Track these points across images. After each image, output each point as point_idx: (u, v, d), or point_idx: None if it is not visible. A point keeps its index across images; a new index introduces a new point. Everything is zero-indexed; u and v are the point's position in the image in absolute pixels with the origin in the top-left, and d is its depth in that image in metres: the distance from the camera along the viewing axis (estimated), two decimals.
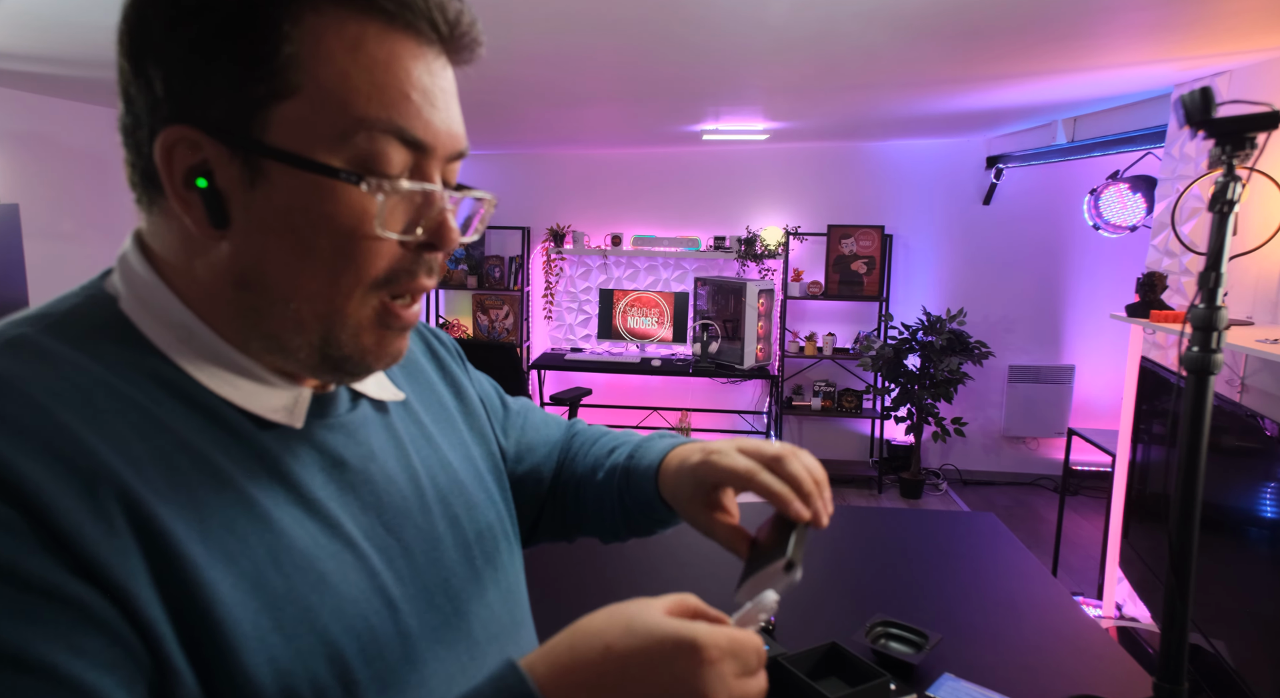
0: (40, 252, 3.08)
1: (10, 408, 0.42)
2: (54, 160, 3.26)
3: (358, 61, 0.47)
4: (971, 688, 1.22)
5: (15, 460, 0.40)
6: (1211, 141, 0.92)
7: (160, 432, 0.47)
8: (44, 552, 0.40)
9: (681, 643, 0.45)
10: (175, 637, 0.43)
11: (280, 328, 0.50)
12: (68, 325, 0.49)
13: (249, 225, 0.48)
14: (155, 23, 0.46)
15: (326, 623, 0.49)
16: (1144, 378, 2.77)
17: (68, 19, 2.02)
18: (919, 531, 1.91)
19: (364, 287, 0.50)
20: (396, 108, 0.48)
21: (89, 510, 0.41)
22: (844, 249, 5.22)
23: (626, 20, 2.13)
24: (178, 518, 0.45)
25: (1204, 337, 0.93)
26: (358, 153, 0.47)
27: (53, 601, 0.40)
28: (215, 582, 0.45)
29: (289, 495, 0.51)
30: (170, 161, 0.47)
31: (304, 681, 0.47)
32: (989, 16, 2.08)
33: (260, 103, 0.46)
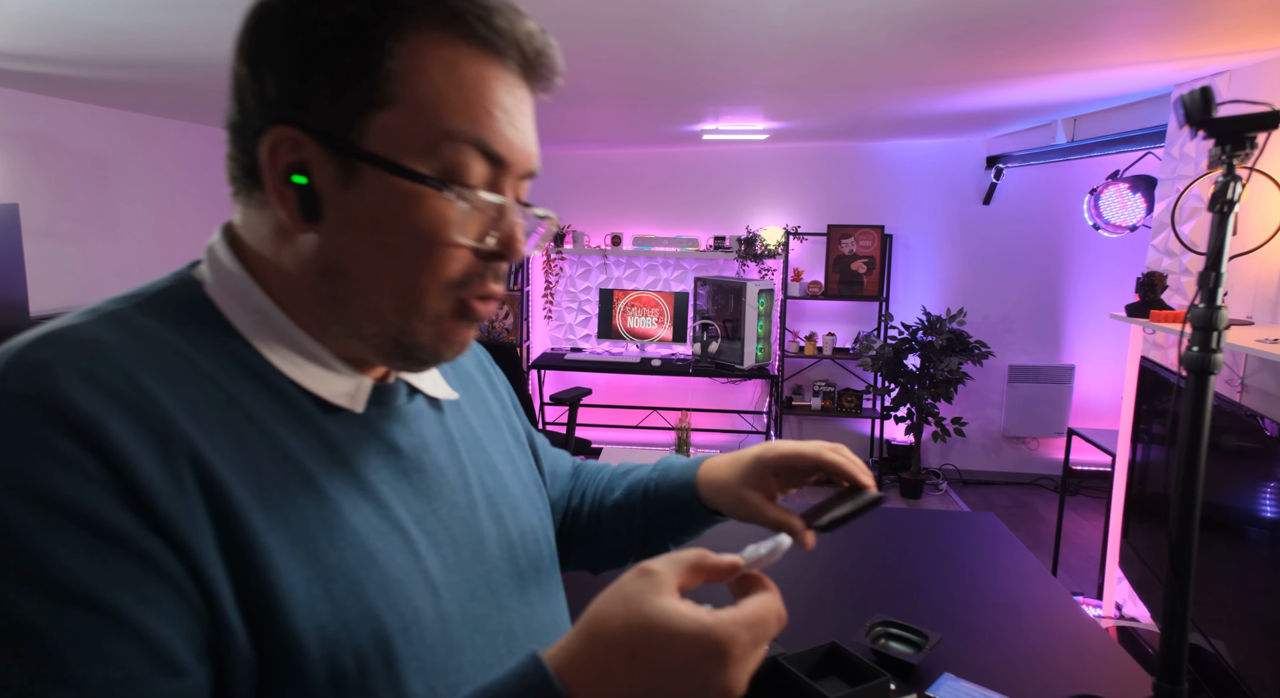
0: (40, 251, 3.08)
1: (103, 371, 0.46)
2: (54, 160, 3.26)
3: (450, 79, 0.51)
4: (971, 688, 1.22)
5: (104, 419, 0.44)
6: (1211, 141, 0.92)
7: (232, 405, 0.51)
8: (122, 504, 0.43)
9: (707, 647, 0.45)
10: (233, 595, 0.46)
11: (358, 317, 0.54)
12: (158, 305, 0.53)
13: (339, 222, 0.52)
14: (274, 31, 0.51)
15: (373, 599, 0.52)
16: (1144, 378, 2.77)
17: (68, 18, 2.01)
18: (919, 531, 1.91)
19: (439, 287, 0.54)
20: (481, 123, 0.52)
21: (164, 471, 0.45)
22: (844, 249, 5.22)
23: (626, 20, 2.12)
24: (242, 484, 0.48)
25: (1204, 336, 0.93)
26: (443, 163, 0.52)
27: (125, 550, 0.43)
28: (272, 547, 0.48)
29: (345, 476, 0.55)
30: (274, 158, 0.51)
31: (348, 651, 0.50)
32: (989, 16, 2.08)
33: (360, 111, 0.51)
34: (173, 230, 3.95)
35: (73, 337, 0.47)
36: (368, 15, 0.50)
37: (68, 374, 0.45)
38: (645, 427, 5.65)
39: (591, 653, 0.46)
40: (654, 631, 0.45)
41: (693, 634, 0.45)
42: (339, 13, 0.50)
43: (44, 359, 0.45)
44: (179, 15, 1.99)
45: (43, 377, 0.44)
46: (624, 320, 5.41)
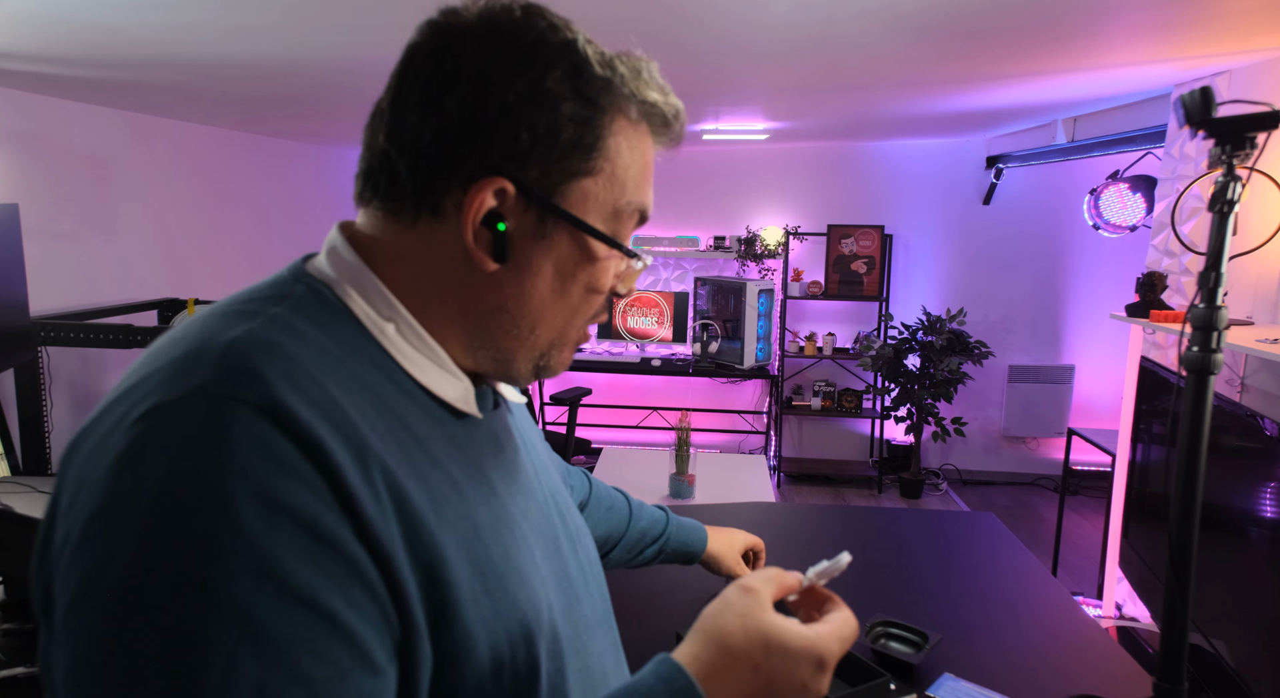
0: (40, 251, 3.08)
1: (303, 380, 0.48)
2: (54, 160, 3.26)
3: (636, 158, 0.60)
4: (971, 688, 1.22)
5: (317, 428, 0.47)
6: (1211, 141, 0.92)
7: (388, 412, 0.54)
8: (335, 511, 0.46)
9: (814, 660, 0.54)
10: (420, 597, 0.49)
11: (516, 347, 0.60)
12: (308, 309, 0.55)
13: (522, 267, 0.58)
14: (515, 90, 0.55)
15: (514, 590, 0.56)
16: (1144, 378, 2.77)
17: (68, 18, 2.01)
18: (919, 531, 1.91)
19: (582, 321, 0.63)
20: (642, 192, 0.61)
21: (363, 479, 0.48)
22: (844, 249, 5.22)
23: (626, 20, 2.12)
24: (417, 489, 0.52)
25: (1204, 337, 0.92)
26: (617, 226, 0.60)
27: (338, 555, 0.45)
28: (445, 546, 0.52)
29: (475, 476, 0.59)
30: (480, 202, 0.55)
31: (504, 641, 0.54)
32: (989, 16, 2.08)
33: (572, 176, 0.57)
34: (173, 230, 3.95)
35: (262, 343, 0.49)
36: (599, 99, 0.57)
37: (280, 382, 0.47)
38: (645, 427, 5.65)
39: (722, 662, 0.53)
40: (771, 644, 0.53)
41: (804, 648, 0.54)
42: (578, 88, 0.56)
43: (255, 366, 0.47)
44: (179, 15, 1.99)
45: (263, 384, 0.46)
46: (624, 320, 5.41)
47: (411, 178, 0.56)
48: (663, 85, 0.62)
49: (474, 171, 0.55)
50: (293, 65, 2.62)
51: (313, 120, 4.08)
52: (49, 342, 2.91)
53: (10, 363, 2.71)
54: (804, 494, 5.09)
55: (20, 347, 2.70)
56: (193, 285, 4.02)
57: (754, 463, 3.47)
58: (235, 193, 4.44)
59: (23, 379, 2.96)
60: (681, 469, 2.90)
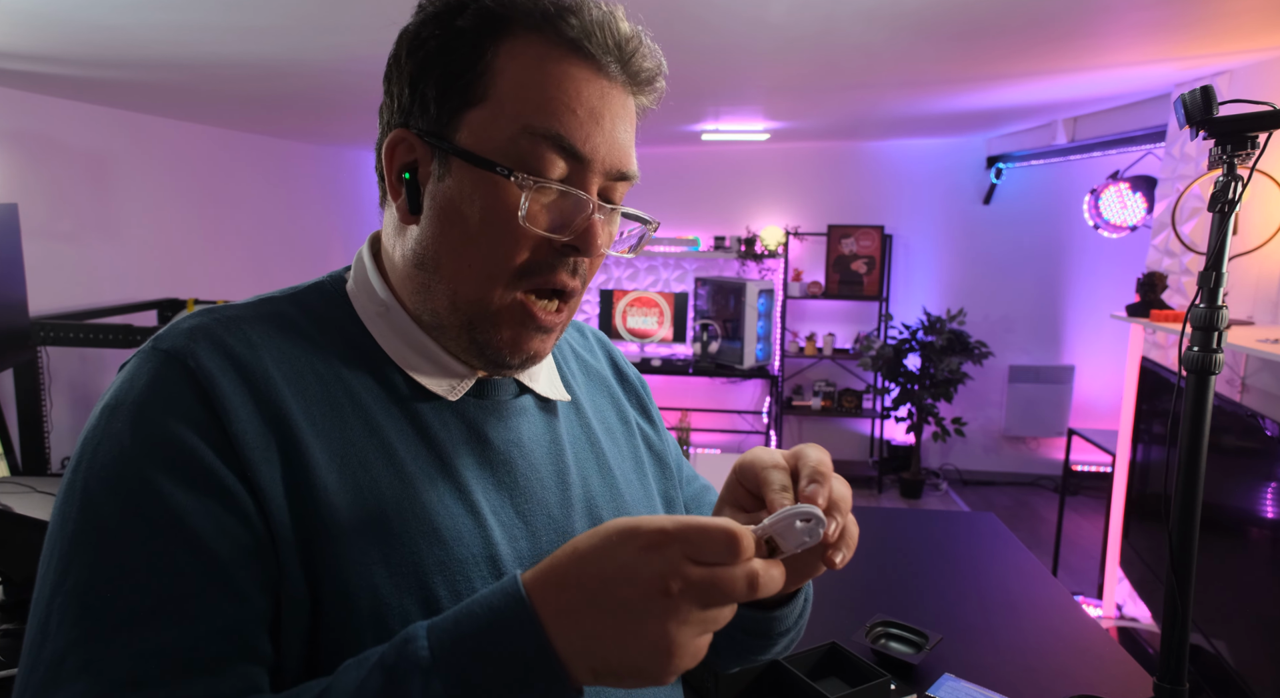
0: (39, 251, 3.08)
1: (229, 339, 0.55)
2: (53, 160, 3.26)
3: (535, 78, 0.55)
4: (971, 688, 1.22)
5: (215, 375, 0.53)
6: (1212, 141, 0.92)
7: (336, 382, 0.58)
8: (215, 448, 0.52)
9: (626, 529, 0.44)
10: (295, 541, 0.52)
11: (442, 305, 0.59)
12: (305, 296, 0.63)
13: (432, 213, 0.58)
14: (401, 50, 0.58)
15: (429, 572, 0.55)
16: (1144, 378, 2.77)
17: (68, 19, 2.01)
18: (919, 531, 1.91)
19: (508, 274, 0.57)
20: (560, 119, 0.55)
21: (255, 425, 0.53)
22: (844, 249, 5.22)
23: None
24: (324, 449, 0.55)
25: (1204, 336, 0.92)
26: (520, 154, 0.55)
27: (212, 485, 0.51)
28: (339, 506, 0.54)
29: (429, 456, 0.59)
30: (391, 158, 0.59)
31: (397, 614, 0.53)
32: (988, 16, 2.08)
33: (457, 110, 0.56)
34: (172, 230, 3.95)
35: (220, 312, 0.58)
36: (471, 25, 0.55)
37: (202, 338, 0.55)
38: None
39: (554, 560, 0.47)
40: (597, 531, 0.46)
41: (621, 524, 0.45)
42: (448, 26, 0.56)
43: (191, 326, 0.56)
44: (179, 15, 1.99)
45: (183, 338, 0.55)
46: (624, 320, 5.41)
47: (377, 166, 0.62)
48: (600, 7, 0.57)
49: (387, 132, 0.59)
50: (293, 65, 2.62)
51: (312, 120, 4.08)
52: (48, 342, 2.91)
53: (10, 363, 2.71)
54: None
55: (20, 347, 2.70)
56: (192, 285, 4.02)
57: None
58: (235, 193, 4.44)
59: (22, 379, 2.96)
60: None
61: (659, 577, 0.43)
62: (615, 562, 0.44)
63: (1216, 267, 0.92)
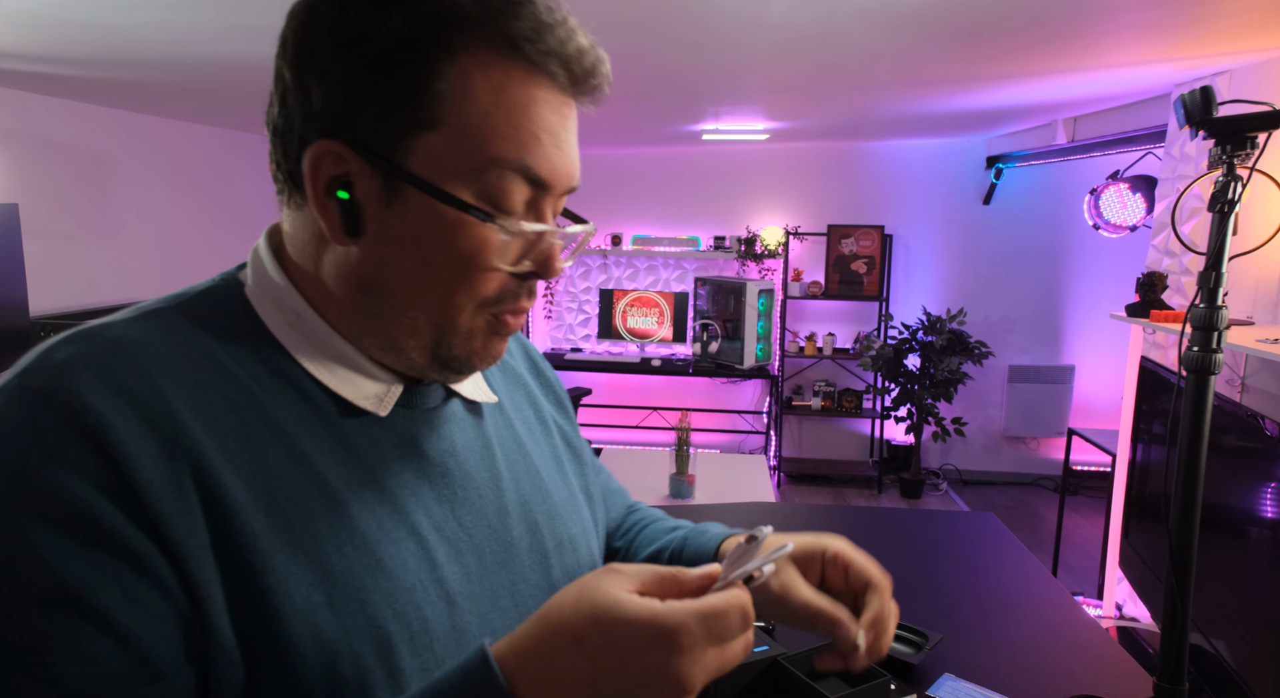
0: (40, 251, 3.08)
1: (119, 369, 0.47)
2: (53, 160, 3.26)
3: (499, 103, 0.50)
4: (971, 688, 1.22)
5: (110, 417, 0.44)
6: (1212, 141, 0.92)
7: (251, 406, 0.51)
8: (115, 504, 0.43)
9: (653, 634, 0.42)
10: (224, 599, 0.46)
11: (396, 332, 0.54)
12: (196, 305, 0.54)
13: (379, 238, 0.52)
14: (323, 41, 0.50)
15: (377, 607, 0.50)
16: (1144, 378, 2.77)
17: (68, 19, 2.01)
18: (919, 531, 1.91)
19: (474, 305, 0.54)
20: (527, 149, 0.51)
21: (164, 471, 0.45)
22: (844, 249, 5.22)
23: (626, 20, 2.12)
24: (247, 487, 0.48)
25: (1204, 336, 0.92)
26: (486, 188, 0.51)
27: (115, 550, 0.43)
28: (271, 550, 0.47)
29: (362, 480, 0.53)
30: (317, 170, 0.51)
31: (347, 659, 0.48)
32: (988, 16, 2.08)
33: (406, 131, 0.49)
34: (173, 230, 3.95)
35: (100, 335, 0.49)
36: (420, 35, 0.48)
37: (84, 371, 0.46)
38: (645, 427, 5.65)
39: (539, 638, 0.44)
40: (601, 616, 0.42)
41: (640, 620, 0.42)
42: (390, 29, 0.48)
43: (67, 356, 0.47)
44: (179, 15, 1.99)
45: (59, 374, 0.45)
46: (624, 320, 5.41)
47: (278, 159, 0.53)
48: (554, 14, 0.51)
49: (307, 137, 0.50)
50: None
51: None
52: None
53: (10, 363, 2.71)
54: (804, 494, 5.09)
55: (20, 347, 2.70)
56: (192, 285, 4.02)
57: (754, 463, 3.47)
58: (235, 193, 4.44)
59: None
60: (681, 469, 2.90)
61: (690, 678, 0.42)
62: (642, 666, 0.42)
63: (1216, 267, 0.92)
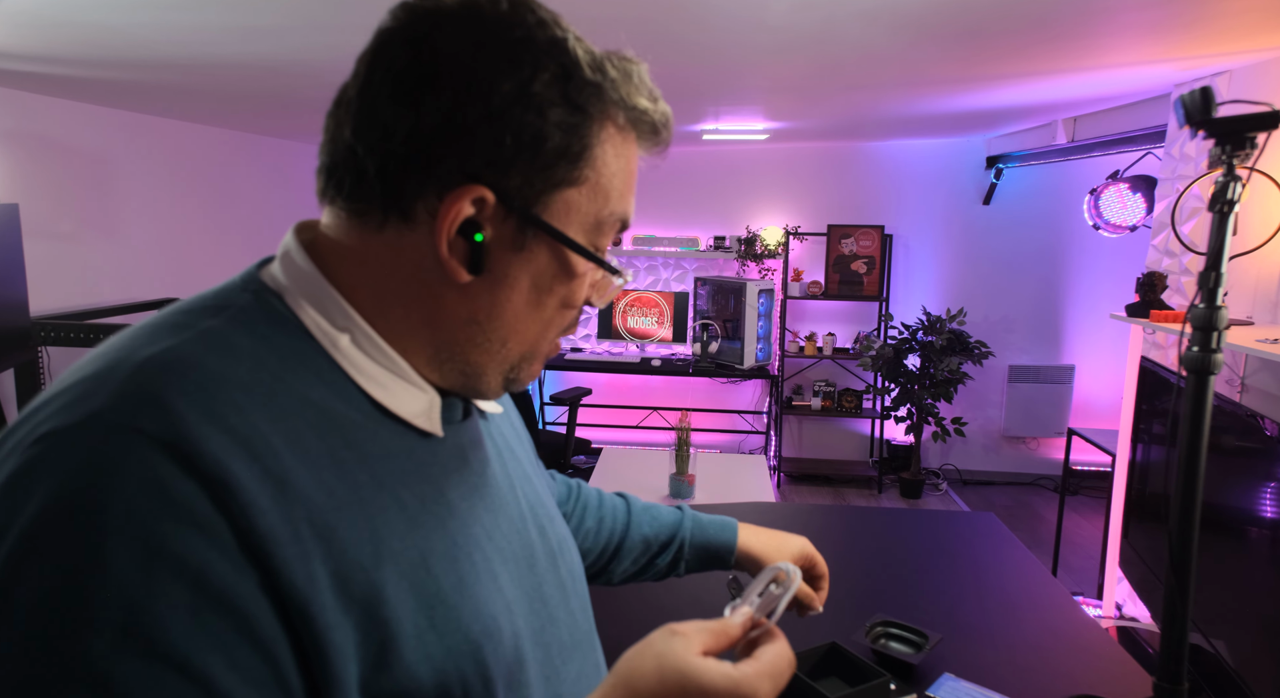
0: (40, 251, 3.08)
1: (219, 406, 0.44)
2: (54, 160, 3.26)
3: (623, 167, 0.57)
4: (971, 688, 1.22)
5: (227, 463, 0.43)
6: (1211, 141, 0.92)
7: (331, 430, 0.50)
8: (232, 559, 0.42)
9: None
10: (345, 639, 0.45)
11: (488, 360, 0.57)
12: (248, 321, 0.51)
13: (498, 278, 0.54)
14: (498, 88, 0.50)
15: (468, 623, 0.52)
16: (1144, 378, 2.77)
17: (68, 19, 2.01)
18: (919, 531, 1.91)
19: (553, 334, 0.60)
20: (627, 203, 0.58)
21: (281, 517, 0.44)
22: (844, 249, 5.22)
23: (626, 20, 2.12)
24: (351, 523, 0.48)
25: (1204, 337, 0.92)
26: (597, 237, 0.57)
27: (225, 611, 0.41)
28: (382, 582, 0.48)
29: (433, 499, 0.55)
30: (458, 211, 0.51)
31: (455, 678, 0.50)
32: (989, 16, 2.08)
33: (556, 186, 0.53)
34: (173, 230, 3.95)
35: (181, 364, 0.46)
36: (587, 106, 0.53)
37: (189, 411, 0.43)
38: (645, 427, 5.65)
39: None
40: (689, 685, 0.49)
41: (725, 688, 0.49)
42: (568, 95, 0.52)
43: (161, 392, 0.43)
44: (179, 15, 1.99)
45: (166, 414, 0.42)
46: (624, 320, 5.41)
47: (380, 179, 0.51)
48: (652, 90, 0.58)
49: (452, 177, 0.50)
50: (293, 65, 2.62)
51: (312, 120, 4.07)
52: (49, 342, 2.91)
53: (10, 363, 2.71)
54: (804, 494, 5.08)
55: (20, 347, 2.70)
56: (193, 286, 4.01)
57: (754, 463, 3.47)
58: (235, 193, 4.44)
59: (22, 379, 2.96)
60: (681, 469, 2.90)
61: None
62: None
63: (1216, 267, 0.92)
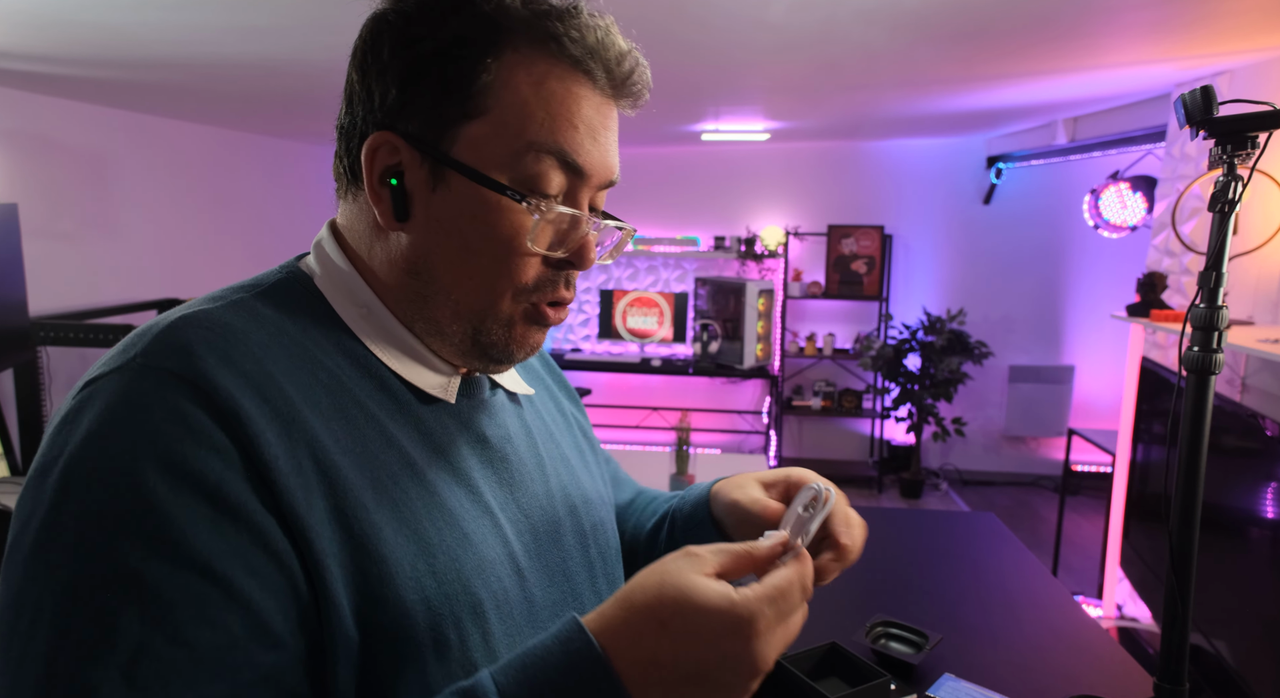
0: (39, 251, 3.08)
1: (235, 353, 0.51)
2: (53, 160, 3.26)
3: (538, 94, 0.55)
4: (971, 688, 1.22)
5: (239, 398, 0.49)
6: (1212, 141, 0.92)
7: (343, 391, 0.55)
8: (244, 479, 0.47)
9: (731, 621, 0.46)
10: (341, 569, 0.49)
11: (440, 314, 0.58)
12: (275, 295, 0.58)
13: (426, 223, 0.56)
14: (386, 44, 0.55)
15: (470, 576, 0.55)
16: (1144, 378, 2.77)
17: (68, 19, 2.01)
18: (919, 531, 1.91)
19: (514, 290, 0.58)
20: (563, 135, 0.55)
21: (285, 450, 0.49)
22: (844, 249, 5.22)
23: (626, 20, 2.12)
24: (354, 466, 0.52)
25: (1205, 336, 0.92)
26: (524, 172, 0.55)
27: (240, 523, 0.47)
28: (381, 523, 0.52)
29: (440, 461, 0.58)
30: (373, 160, 0.56)
31: (450, 624, 0.53)
32: (989, 16, 2.08)
33: (453, 121, 0.54)
34: (172, 230, 3.95)
35: (210, 320, 0.52)
36: (470, 34, 0.54)
37: (208, 355, 0.49)
38: (645, 427, 5.65)
39: (625, 619, 0.47)
40: (682, 602, 0.46)
41: (718, 609, 0.46)
42: (445, 30, 0.54)
43: (187, 341, 0.50)
44: (179, 15, 1.99)
45: (185, 356, 0.49)
46: (624, 320, 5.41)
47: (343, 153, 0.59)
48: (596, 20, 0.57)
49: (366, 131, 0.56)
50: (293, 65, 2.62)
51: (313, 120, 4.08)
52: (48, 342, 2.91)
53: (10, 363, 2.71)
54: None
55: (20, 347, 2.70)
56: (192, 285, 4.02)
57: (754, 463, 3.48)
58: (235, 193, 4.44)
59: (22, 379, 2.96)
60: (681, 469, 2.90)
61: (764, 660, 0.47)
62: (721, 651, 0.46)
63: (1216, 267, 0.92)
